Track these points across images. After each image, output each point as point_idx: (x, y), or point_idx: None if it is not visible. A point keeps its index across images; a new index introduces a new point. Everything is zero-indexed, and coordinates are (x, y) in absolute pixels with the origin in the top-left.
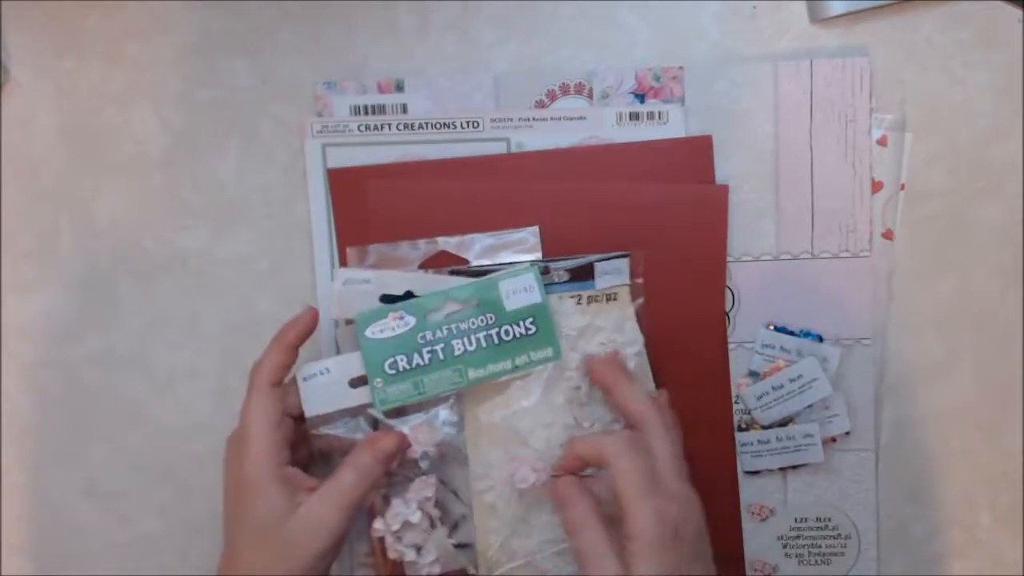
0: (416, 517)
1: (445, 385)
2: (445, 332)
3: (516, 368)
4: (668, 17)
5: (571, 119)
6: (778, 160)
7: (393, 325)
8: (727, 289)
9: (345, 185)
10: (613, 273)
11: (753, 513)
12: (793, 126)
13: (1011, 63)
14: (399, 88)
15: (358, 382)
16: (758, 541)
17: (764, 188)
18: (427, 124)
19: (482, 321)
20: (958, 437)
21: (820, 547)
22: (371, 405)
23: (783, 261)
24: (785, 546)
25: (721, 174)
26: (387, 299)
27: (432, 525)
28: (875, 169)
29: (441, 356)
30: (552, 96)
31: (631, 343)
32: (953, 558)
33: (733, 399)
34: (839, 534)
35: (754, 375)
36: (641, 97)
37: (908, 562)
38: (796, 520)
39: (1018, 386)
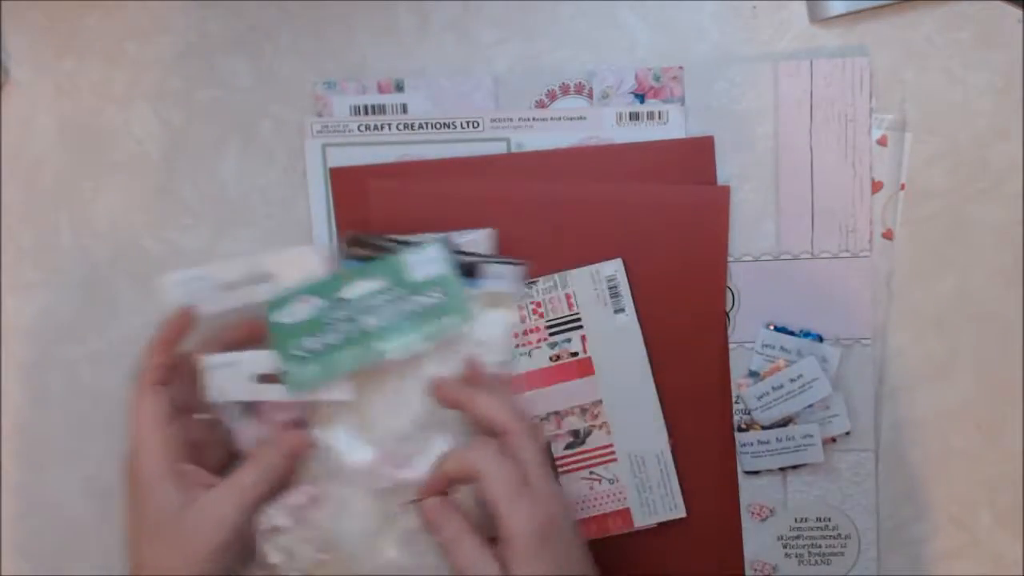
0: (283, 522)
1: (356, 362)
2: (354, 310)
3: (427, 337)
4: (668, 17)
5: (571, 119)
6: (778, 160)
7: (301, 308)
8: (727, 289)
9: (346, 184)
10: (503, 279)
11: (753, 513)
12: (793, 126)
13: (1011, 63)
14: (399, 88)
15: (267, 379)
16: (758, 541)
17: (764, 188)
18: (427, 124)
19: (389, 296)
20: (958, 437)
21: (820, 547)
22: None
23: (783, 261)
24: (785, 546)
25: (721, 174)
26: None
27: (309, 533)
28: (875, 169)
29: (351, 334)
30: (552, 96)
31: (499, 353)
32: (953, 558)
33: (733, 399)
34: (839, 534)
35: (754, 375)
36: (641, 97)
37: (908, 562)
38: (796, 520)
39: (1018, 386)
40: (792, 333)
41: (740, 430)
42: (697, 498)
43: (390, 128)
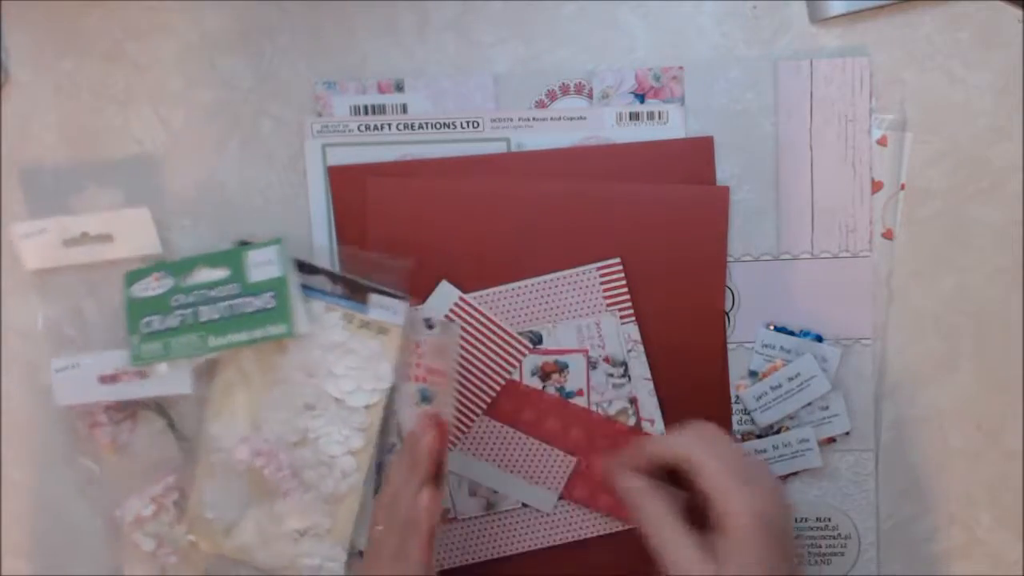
0: (149, 511)
1: (189, 349)
2: (194, 298)
3: (252, 340)
4: (668, 17)
5: (571, 119)
6: (778, 160)
7: (153, 285)
8: (727, 289)
9: (345, 183)
10: (387, 310)
11: None
12: (793, 126)
13: (1011, 63)
14: (399, 88)
15: (108, 379)
16: None
17: (764, 188)
18: (427, 124)
19: (229, 290)
20: (958, 437)
21: (820, 547)
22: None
23: (783, 261)
24: None
25: (721, 174)
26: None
27: (176, 519)
28: (875, 169)
29: (189, 321)
30: (552, 96)
31: (378, 379)
32: (953, 558)
33: (733, 400)
34: (839, 534)
35: (753, 375)
36: (641, 97)
37: (908, 562)
38: (796, 520)
39: (1018, 386)
40: (792, 333)
41: (736, 440)
42: None
43: (390, 128)
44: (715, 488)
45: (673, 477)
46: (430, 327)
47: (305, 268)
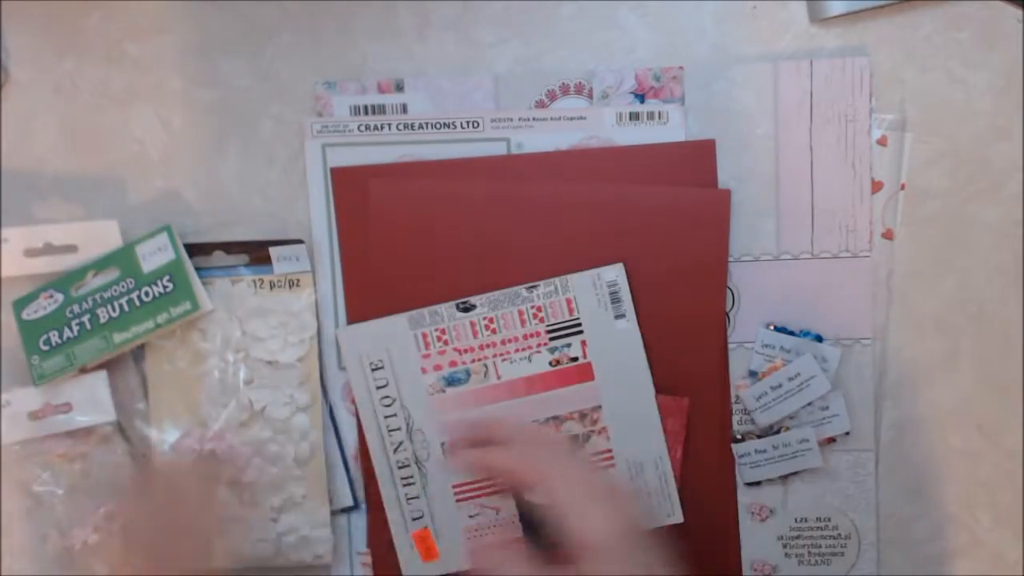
0: (91, 538)
1: (94, 353)
2: (90, 303)
3: (158, 326)
4: (668, 17)
5: (571, 119)
6: (778, 160)
7: (45, 304)
8: (727, 289)
9: (347, 184)
10: (291, 259)
11: (753, 513)
12: (793, 126)
13: (1011, 63)
14: (399, 88)
15: (36, 415)
16: (758, 541)
17: (764, 188)
18: (427, 124)
19: (124, 286)
20: (958, 437)
21: (820, 547)
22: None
23: (783, 261)
24: (785, 546)
25: (721, 174)
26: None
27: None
28: (875, 169)
29: (88, 326)
30: (552, 96)
31: (302, 328)
32: (953, 558)
33: (733, 400)
34: (839, 534)
35: (753, 375)
36: (641, 97)
37: (908, 562)
38: (796, 520)
39: (1018, 386)
40: (792, 333)
41: (736, 441)
42: (695, 503)
43: (390, 128)
44: (562, 505)
45: None
46: None
47: (199, 249)
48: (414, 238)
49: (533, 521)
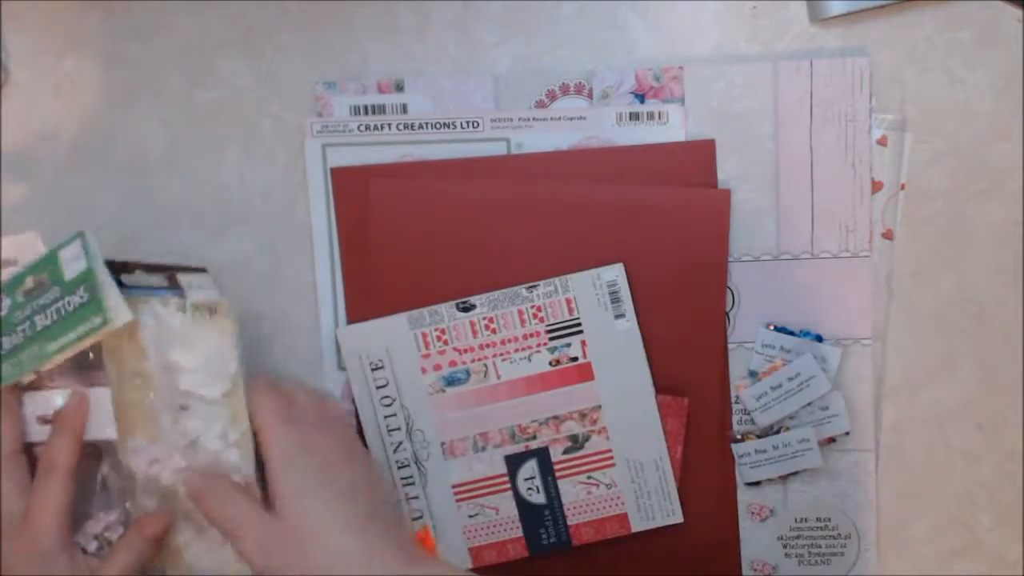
0: (93, 547)
1: (35, 361)
2: (30, 310)
3: (80, 338)
4: (668, 17)
5: (571, 119)
6: (778, 160)
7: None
8: (727, 289)
9: (347, 184)
10: (204, 288)
11: (753, 513)
12: (793, 126)
13: (1011, 63)
14: (399, 88)
15: (44, 420)
16: (758, 541)
17: (764, 188)
18: (427, 124)
19: (53, 294)
20: (958, 437)
21: (820, 547)
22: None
23: (783, 261)
24: (785, 546)
25: (721, 174)
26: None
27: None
28: (875, 169)
29: (29, 333)
30: (552, 96)
31: (224, 364)
32: (953, 558)
33: (733, 400)
34: (839, 534)
35: (753, 375)
36: (641, 97)
37: (908, 562)
38: (796, 520)
39: (1018, 386)
40: (792, 333)
41: (736, 441)
42: (695, 503)
43: (390, 128)
44: (257, 429)
45: None
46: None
47: (119, 266)
48: (414, 238)
49: None
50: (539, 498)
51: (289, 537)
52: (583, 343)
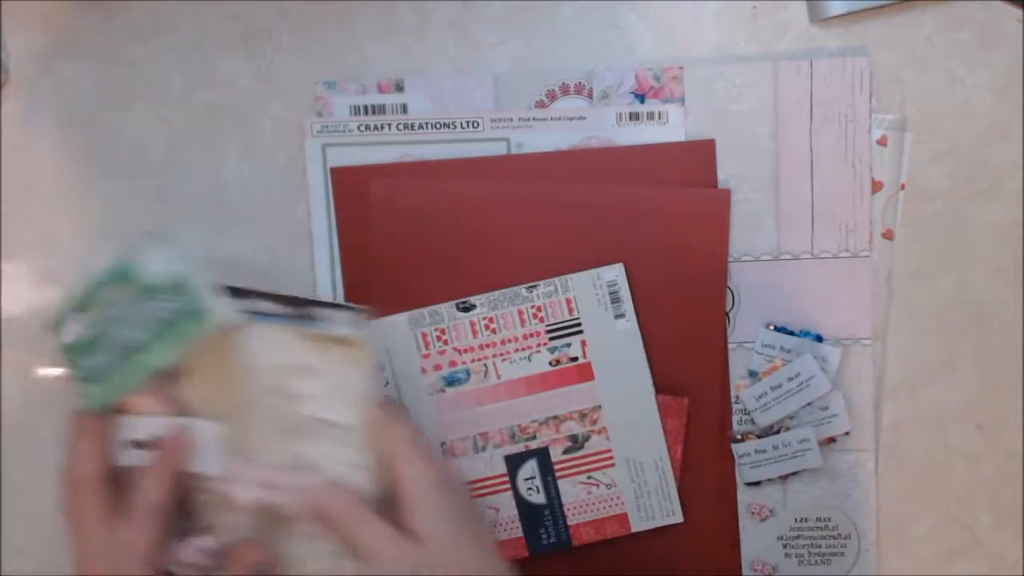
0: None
1: (134, 378)
2: (114, 325)
3: (178, 344)
4: (668, 17)
5: (571, 119)
6: (778, 160)
7: (72, 329)
8: (727, 289)
9: (347, 184)
10: (343, 324)
11: (753, 513)
12: (793, 126)
13: (1011, 63)
14: (399, 88)
15: (138, 445)
16: (758, 541)
17: (764, 188)
18: (427, 124)
19: (138, 305)
20: (958, 437)
21: (820, 547)
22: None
23: (783, 261)
24: (785, 546)
25: (721, 174)
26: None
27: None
28: (875, 169)
29: (122, 347)
30: (552, 96)
31: (353, 390)
32: (953, 558)
33: (733, 400)
34: (839, 534)
35: (753, 375)
36: (641, 97)
37: (908, 562)
38: (796, 520)
39: (1018, 386)
40: (792, 333)
41: (736, 441)
42: (695, 503)
43: (390, 128)
44: (392, 452)
45: None
46: None
47: (249, 294)
48: (414, 238)
49: None
50: (539, 498)
51: (432, 563)
52: (583, 343)
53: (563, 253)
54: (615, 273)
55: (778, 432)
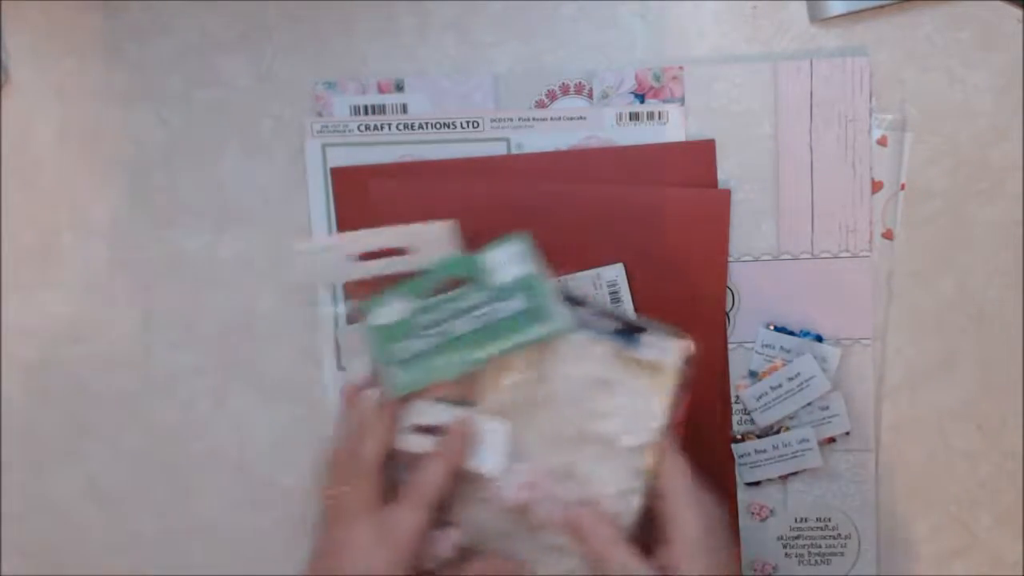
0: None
1: (453, 370)
2: (443, 313)
3: (517, 346)
4: (668, 17)
5: (571, 119)
6: (778, 160)
7: (396, 310)
8: (727, 289)
9: (347, 184)
10: (659, 348)
11: (753, 513)
12: (793, 126)
13: (1011, 63)
14: (399, 88)
15: (367, 256)
16: (758, 541)
17: (764, 188)
18: (427, 124)
19: (476, 299)
20: (958, 437)
21: (820, 547)
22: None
23: (783, 261)
24: (785, 546)
25: (721, 174)
26: (367, 256)
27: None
28: (875, 169)
29: (443, 338)
30: (552, 96)
31: (647, 417)
32: (953, 558)
33: (733, 400)
34: (839, 534)
35: (753, 375)
36: (641, 97)
37: (908, 562)
38: (796, 520)
39: (1018, 386)
40: (792, 333)
41: (736, 441)
42: None
43: (390, 128)
44: (667, 495)
45: None
46: None
47: (569, 300)
48: None
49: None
50: None
51: None
52: None
53: (563, 252)
54: (615, 273)
55: (778, 432)
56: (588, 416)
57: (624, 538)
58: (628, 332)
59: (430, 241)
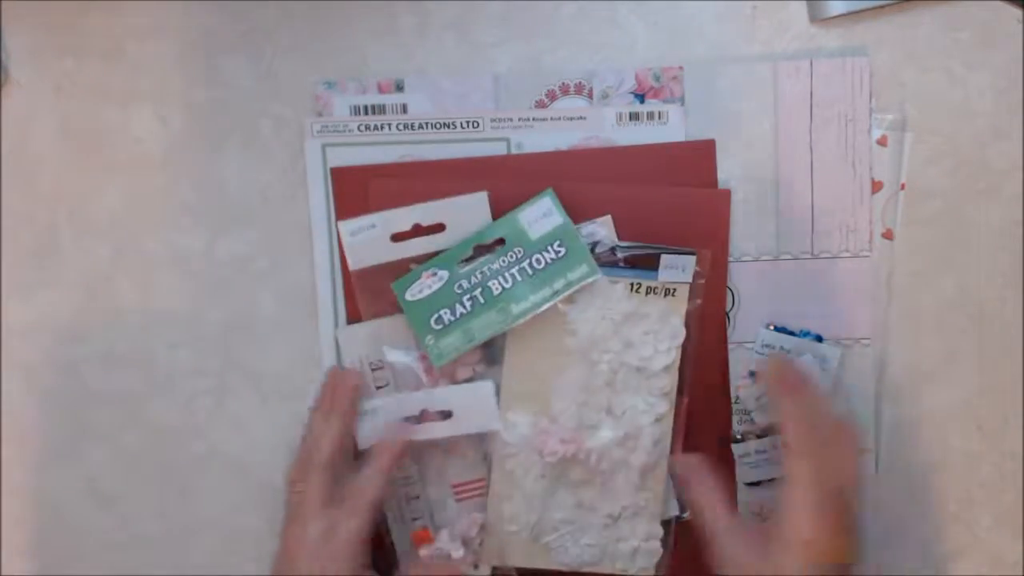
0: (459, 553)
1: (493, 327)
2: (479, 276)
3: (556, 293)
4: (668, 17)
5: (571, 119)
6: (778, 160)
7: (429, 283)
8: (727, 289)
9: (347, 184)
10: (676, 268)
11: (753, 513)
12: (793, 126)
13: (1011, 63)
14: (399, 88)
15: (400, 237)
16: None
17: (764, 188)
18: (427, 124)
19: (512, 256)
20: (958, 437)
21: None
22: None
23: (783, 261)
24: None
25: (721, 174)
26: (397, 237)
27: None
28: (875, 169)
29: (482, 300)
30: (552, 96)
31: (672, 336)
32: (953, 558)
33: (733, 400)
34: None
35: (753, 375)
36: (641, 97)
37: (908, 562)
38: None
39: (1018, 386)
40: (792, 333)
41: (736, 441)
42: None
43: (390, 128)
44: (788, 441)
45: None
46: None
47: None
48: None
49: None
50: None
51: (782, 548)
52: None
53: None
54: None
55: (778, 432)
56: (618, 353)
57: (722, 494)
58: (642, 265)
59: (464, 211)
